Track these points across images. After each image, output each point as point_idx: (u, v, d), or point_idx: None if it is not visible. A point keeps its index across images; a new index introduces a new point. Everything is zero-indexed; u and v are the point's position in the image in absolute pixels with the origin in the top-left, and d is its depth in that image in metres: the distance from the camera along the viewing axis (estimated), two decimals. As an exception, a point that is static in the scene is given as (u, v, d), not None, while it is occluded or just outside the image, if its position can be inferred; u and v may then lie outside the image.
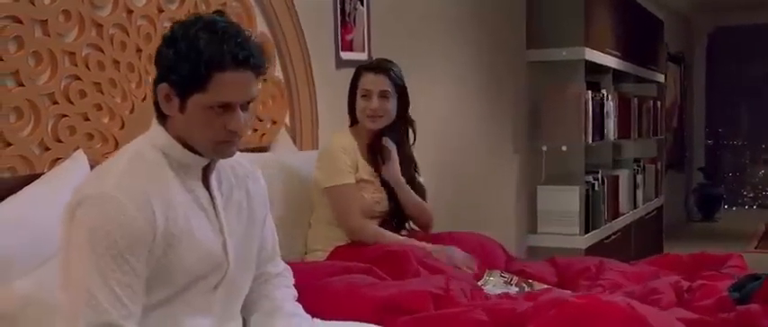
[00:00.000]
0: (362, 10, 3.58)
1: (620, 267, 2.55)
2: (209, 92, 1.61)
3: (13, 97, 2.10)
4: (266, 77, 2.92)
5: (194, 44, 1.60)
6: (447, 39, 4.33)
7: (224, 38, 1.61)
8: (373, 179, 2.68)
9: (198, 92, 1.62)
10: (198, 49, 1.59)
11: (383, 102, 2.65)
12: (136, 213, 1.57)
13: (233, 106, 1.64)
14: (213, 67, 1.60)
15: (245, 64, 1.62)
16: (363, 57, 3.59)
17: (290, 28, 3.06)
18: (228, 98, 1.63)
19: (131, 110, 2.43)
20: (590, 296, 1.91)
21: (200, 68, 1.59)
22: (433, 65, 4.20)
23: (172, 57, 1.62)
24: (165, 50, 1.64)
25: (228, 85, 1.62)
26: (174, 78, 1.63)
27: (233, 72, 1.61)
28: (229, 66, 1.61)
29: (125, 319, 1.56)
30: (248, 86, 1.65)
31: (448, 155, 4.39)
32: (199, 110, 1.63)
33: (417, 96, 4.04)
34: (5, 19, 2.08)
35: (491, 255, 2.67)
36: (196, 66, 1.59)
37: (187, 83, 1.61)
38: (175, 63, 1.61)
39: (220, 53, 1.60)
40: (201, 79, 1.60)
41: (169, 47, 1.63)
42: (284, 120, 3.08)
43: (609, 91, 5.61)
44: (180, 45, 1.61)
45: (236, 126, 1.65)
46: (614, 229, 5.63)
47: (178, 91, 1.63)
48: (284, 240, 2.64)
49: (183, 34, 1.63)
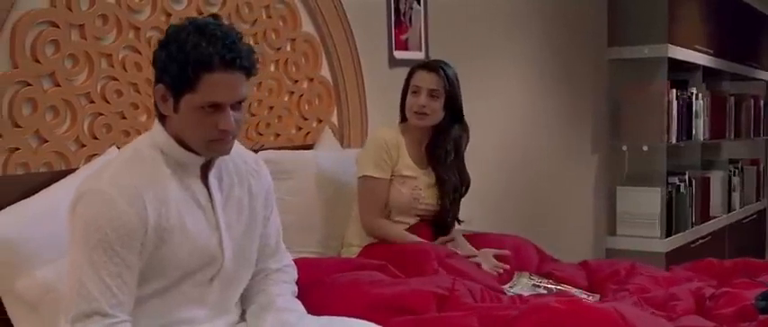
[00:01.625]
0: (419, 9, 3.60)
1: (652, 271, 2.48)
2: (198, 93, 1.68)
3: (50, 97, 2.24)
4: (312, 76, 3.01)
5: (183, 47, 1.67)
6: (518, 36, 4.28)
7: (212, 40, 1.67)
8: (417, 175, 2.68)
9: (189, 92, 1.68)
10: (186, 51, 1.66)
11: (431, 101, 2.66)
12: (127, 208, 1.66)
13: (223, 106, 1.70)
14: (201, 68, 1.66)
15: (232, 65, 1.68)
16: (420, 56, 3.61)
17: (337, 28, 3.11)
18: (218, 98, 1.69)
19: (169, 109, 2.54)
20: (574, 302, 1.87)
21: (189, 70, 1.66)
22: (500, 64, 4.17)
23: (164, 58, 1.70)
24: (159, 52, 1.72)
25: (217, 86, 1.68)
26: (166, 79, 1.70)
27: (221, 73, 1.67)
28: (218, 68, 1.67)
29: (113, 307, 1.65)
30: (237, 87, 1.71)
31: (519, 155, 4.35)
32: (190, 110, 1.70)
33: (482, 95, 4.04)
34: (43, 24, 2.22)
35: (524, 257, 2.64)
36: (185, 68, 1.66)
37: (178, 83, 1.68)
38: (167, 64, 1.69)
39: (208, 55, 1.66)
40: (190, 80, 1.67)
41: (162, 49, 1.71)
42: (331, 119, 3.13)
43: (698, 89, 5.40)
44: (171, 47, 1.69)
45: (227, 125, 1.71)
46: (702, 233, 5.42)
47: (172, 91, 1.71)
48: (323, 237, 2.72)
49: (174, 37, 1.70)
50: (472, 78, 3.95)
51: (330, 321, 1.87)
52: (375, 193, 2.60)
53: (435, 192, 2.68)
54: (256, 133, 2.85)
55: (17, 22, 2.16)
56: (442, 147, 2.66)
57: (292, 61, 2.96)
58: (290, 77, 2.96)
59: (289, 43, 2.95)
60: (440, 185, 2.67)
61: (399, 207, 2.66)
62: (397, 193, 2.64)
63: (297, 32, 2.97)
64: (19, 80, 2.17)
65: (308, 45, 3.02)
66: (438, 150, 2.66)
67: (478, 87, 4.01)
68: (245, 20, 2.78)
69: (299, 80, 2.99)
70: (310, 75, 3.04)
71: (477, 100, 3.99)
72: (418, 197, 2.66)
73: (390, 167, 2.65)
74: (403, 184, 2.66)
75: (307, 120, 3.03)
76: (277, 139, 2.92)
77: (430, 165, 2.69)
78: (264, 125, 2.87)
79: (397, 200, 2.64)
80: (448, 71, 2.73)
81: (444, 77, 2.70)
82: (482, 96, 4.04)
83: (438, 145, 2.67)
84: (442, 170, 2.66)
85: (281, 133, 2.94)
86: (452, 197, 2.68)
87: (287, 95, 2.96)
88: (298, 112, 3.00)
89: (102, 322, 1.63)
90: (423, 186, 2.69)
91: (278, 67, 2.92)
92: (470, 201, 3.89)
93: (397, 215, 2.67)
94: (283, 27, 2.93)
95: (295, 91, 2.98)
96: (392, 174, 2.66)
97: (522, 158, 4.38)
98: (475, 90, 3.98)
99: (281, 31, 2.92)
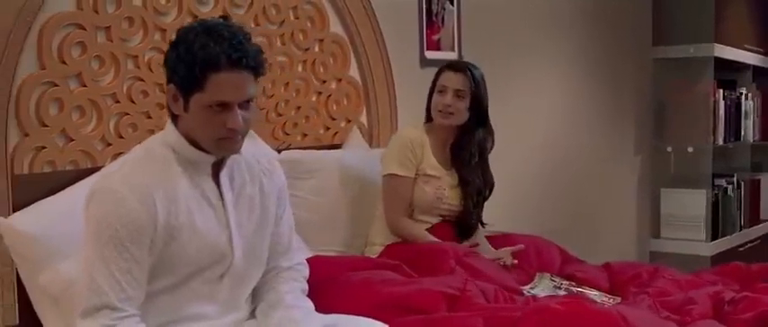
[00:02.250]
0: (452, 9, 3.60)
1: (675, 275, 2.44)
2: (206, 92, 1.71)
3: (76, 97, 2.30)
4: (340, 77, 3.04)
5: (191, 47, 1.70)
6: (558, 35, 4.24)
7: (219, 40, 1.70)
8: (441, 175, 2.69)
9: (197, 92, 1.72)
10: (194, 52, 1.70)
11: (456, 101, 2.66)
12: (137, 206, 1.70)
13: (230, 105, 1.73)
14: (208, 68, 1.70)
15: (239, 64, 1.71)
16: (452, 56, 3.61)
17: (366, 28, 3.13)
18: (225, 97, 1.72)
19: (195, 108, 2.59)
20: (575, 303, 1.85)
21: (196, 70, 1.70)
22: (538, 63, 4.14)
23: (174, 59, 1.74)
24: (170, 53, 1.76)
25: (224, 85, 1.71)
26: (176, 79, 1.74)
27: (228, 72, 1.70)
28: (224, 67, 1.70)
29: (122, 302, 1.69)
30: (244, 86, 1.74)
31: (559, 155, 4.32)
32: (199, 109, 1.74)
33: (518, 95, 4.02)
34: (69, 26, 2.29)
35: (546, 258, 2.63)
36: (192, 68, 1.70)
37: (187, 83, 1.72)
38: (176, 65, 1.73)
39: (215, 54, 1.69)
40: (198, 80, 1.70)
41: (172, 50, 1.75)
42: (359, 119, 3.15)
43: (748, 89, 5.28)
44: (180, 48, 1.73)
45: (234, 124, 1.74)
46: (751, 237, 5.29)
47: (181, 91, 1.75)
48: (347, 236, 2.74)
49: (183, 38, 1.74)
50: (508, 78, 3.95)
51: (336, 319, 1.89)
52: (399, 191, 2.61)
53: (458, 193, 2.68)
54: (283, 133, 2.89)
55: (44, 24, 2.23)
56: (466, 149, 2.66)
57: (320, 61, 2.99)
58: (317, 78, 2.99)
59: (317, 44, 2.98)
60: (463, 186, 2.68)
61: (422, 207, 2.67)
62: (420, 192, 2.65)
63: (325, 33, 3.00)
64: (46, 81, 2.24)
65: (337, 46, 3.05)
66: (462, 152, 2.67)
67: (514, 87, 4.00)
68: (272, 21, 2.82)
69: (326, 80, 3.02)
70: (338, 76, 3.06)
71: (512, 100, 3.98)
72: (442, 196, 2.67)
73: (415, 166, 2.66)
74: (427, 183, 2.66)
75: (335, 120, 3.06)
76: (304, 139, 2.96)
77: (453, 166, 2.69)
78: (291, 125, 2.91)
79: (420, 199, 2.66)
80: (475, 72, 2.73)
81: (471, 78, 2.70)
82: (518, 96, 4.02)
83: (462, 146, 2.67)
84: (466, 171, 2.66)
85: (308, 133, 2.97)
86: (476, 199, 2.68)
87: (314, 95, 2.99)
88: (325, 112, 3.03)
89: (111, 315, 1.68)
90: (446, 186, 2.69)
91: (305, 68, 2.95)
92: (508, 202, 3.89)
93: (419, 214, 2.68)
94: (311, 28, 2.96)
95: (323, 91, 3.01)
96: (416, 173, 2.67)
97: (563, 159, 4.34)
98: (510, 90, 3.97)
99: (309, 32, 2.95)
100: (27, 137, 2.21)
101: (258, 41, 2.74)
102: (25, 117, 2.20)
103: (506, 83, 3.95)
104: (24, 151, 2.21)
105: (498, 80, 3.86)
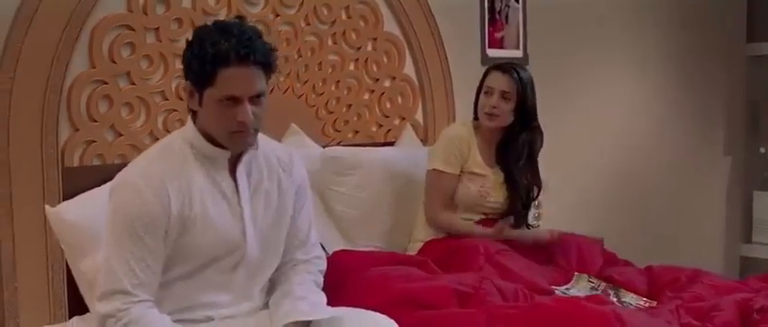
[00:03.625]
0: (517, 7, 3.58)
1: (714, 280, 2.36)
2: (217, 87, 1.80)
3: (125, 94, 2.44)
4: (395, 75, 3.08)
5: (203, 44, 1.79)
6: (636, 32, 4.14)
7: (229, 37, 1.79)
8: (486, 173, 2.69)
9: (209, 87, 1.81)
10: (205, 49, 1.79)
11: (501, 102, 2.66)
12: (151, 198, 1.81)
13: (240, 99, 1.81)
14: (218, 64, 1.78)
15: (246, 60, 1.79)
16: (517, 54, 3.59)
17: (423, 27, 3.16)
18: (234, 91, 1.80)
19: (243, 105, 2.70)
20: (571, 302, 1.82)
21: (207, 65, 1.78)
22: (611, 61, 4.05)
23: (189, 57, 1.83)
24: (185, 52, 1.85)
25: (233, 80, 1.79)
26: (191, 76, 1.83)
27: (237, 67, 1.79)
28: (233, 62, 1.78)
29: (135, 287, 1.80)
30: (253, 81, 1.81)
31: (635, 156, 4.21)
32: (212, 103, 1.82)
33: (588, 94, 3.94)
34: (119, 27, 2.42)
35: (587, 257, 2.58)
36: (203, 63, 1.79)
37: (200, 79, 1.81)
38: (190, 62, 1.82)
39: (225, 50, 1.78)
40: (209, 75, 1.79)
41: (188, 48, 1.84)
42: (414, 117, 3.18)
43: None
44: (194, 46, 1.82)
45: (244, 117, 1.82)
46: None
47: (196, 87, 1.83)
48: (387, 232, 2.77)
49: (197, 37, 1.83)
50: (578, 76, 3.89)
51: (343, 311, 1.94)
52: (440, 187, 2.63)
53: (504, 192, 2.67)
54: (334, 130, 2.96)
55: (95, 26, 2.38)
56: (512, 150, 2.66)
57: (373, 60, 3.04)
58: (370, 76, 3.04)
59: (370, 42, 3.03)
60: (510, 186, 2.67)
61: (466, 204, 2.67)
62: (465, 189, 2.66)
63: (378, 32, 3.05)
64: (96, 79, 2.39)
65: (391, 44, 3.09)
66: (508, 152, 2.66)
67: (584, 85, 3.93)
68: (322, 21, 2.89)
69: (379, 78, 3.07)
70: (392, 74, 3.10)
71: (583, 98, 3.92)
72: (486, 195, 2.66)
73: (460, 163, 2.67)
74: (471, 181, 2.67)
75: (388, 118, 3.10)
76: (355, 136, 3.01)
77: (499, 165, 2.69)
78: (342, 122, 2.97)
79: (464, 196, 2.66)
80: (522, 74, 2.70)
81: (517, 80, 2.68)
82: (589, 94, 3.95)
83: (508, 147, 2.67)
84: (514, 171, 2.65)
85: (359, 130, 3.02)
86: (524, 200, 2.66)
87: (367, 93, 3.04)
88: (378, 110, 3.07)
89: (124, 299, 1.78)
90: (492, 185, 2.69)
91: (357, 66, 3.00)
92: (578, 205, 3.84)
93: (463, 211, 2.68)
94: (364, 27, 3.01)
95: (376, 89, 3.06)
96: (462, 171, 2.68)
97: (640, 159, 4.23)
98: (580, 88, 3.91)
99: (362, 31, 3.00)
100: (77, 132, 2.36)
101: (309, 41, 2.86)
102: (76, 113, 2.35)
103: (576, 82, 3.89)
104: (75, 145, 2.36)
105: (567, 78, 3.82)
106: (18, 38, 2.24)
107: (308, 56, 2.86)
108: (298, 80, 2.84)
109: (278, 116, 2.74)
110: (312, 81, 2.88)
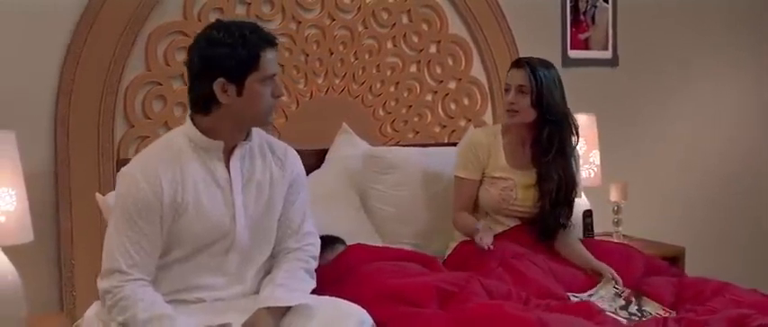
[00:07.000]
0: (606, 7, 3.48)
1: (740, 294, 2.20)
2: (260, 69, 1.98)
3: (178, 94, 2.67)
4: (460, 77, 3.12)
5: (241, 36, 1.96)
6: (742, 30, 3.88)
7: (253, 28, 1.99)
8: (511, 176, 2.64)
9: (253, 71, 1.98)
10: (246, 38, 1.97)
11: (519, 97, 2.61)
12: (145, 186, 1.99)
13: (275, 76, 2.02)
14: (260, 48, 1.97)
15: (274, 42, 2.01)
16: (606, 55, 3.50)
17: (493, 28, 3.16)
18: (273, 70, 2.01)
19: (297, 105, 2.85)
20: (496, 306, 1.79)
21: (253, 51, 1.96)
22: (713, 62, 3.82)
23: (224, 53, 1.97)
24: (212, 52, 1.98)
25: (270, 60, 1.99)
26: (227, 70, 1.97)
27: (270, 50, 1.99)
28: (268, 46, 1.99)
29: (131, 267, 1.99)
30: (276, 59, 2.03)
31: (743, 163, 3.94)
32: (256, 85, 1.98)
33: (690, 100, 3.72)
34: (174, 33, 2.66)
35: (626, 267, 2.48)
36: (250, 50, 1.96)
37: (242, 68, 1.97)
38: (222, 59, 1.96)
39: (259, 38, 1.98)
40: (255, 59, 1.97)
41: (216, 47, 1.98)
42: (482, 118, 3.19)
43: None
44: (218, 47, 1.97)
45: (280, 91, 2.04)
46: None
47: (234, 79, 1.97)
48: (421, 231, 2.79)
49: (225, 34, 1.98)
50: (677, 79, 3.72)
51: (319, 299, 2.03)
52: (460, 192, 2.64)
53: (533, 193, 2.62)
54: (392, 130, 3.04)
55: (151, 32, 2.63)
56: (543, 145, 2.60)
57: (437, 62, 3.09)
58: (433, 78, 3.09)
59: (433, 45, 3.08)
60: (540, 184, 2.61)
61: (491, 207, 2.64)
62: (485, 194, 2.64)
63: (443, 34, 3.09)
64: (151, 80, 2.63)
65: (456, 46, 3.12)
66: (540, 148, 2.61)
67: (684, 89, 3.75)
68: (381, 24, 2.98)
69: (443, 80, 3.11)
70: (458, 76, 3.13)
71: (683, 104, 3.73)
72: (508, 197, 2.61)
73: (479, 168, 2.65)
74: (492, 185, 2.63)
75: (452, 119, 3.14)
76: (416, 136, 3.07)
77: (533, 164, 2.64)
78: (401, 122, 3.05)
79: (486, 200, 2.64)
80: (536, 67, 2.63)
81: (530, 73, 2.61)
82: (690, 100, 3.75)
83: (539, 143, 2.61)
84: (544, 168, 2.60)
85: (419, 130, 3.08)
86: (555, 198, 2.59)
87: (429, 95, 3.09)
88: (442, 111, 3.12)
89: (120, 277, 1.98)
90: (518, 187, 2.63)
91: (419, 68, 3.06)
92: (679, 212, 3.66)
93: (493, 215, 2.66)
94: (427, 30, 3.06)
95: (439, 90, 3.10)
96: (483, 175, 2.66)
97: (749, 167, 3.94)
98: (680, 92, 3.73)
99: (424, 34, 3.06)
100: (132, 128, 2.62)
101: (366, 44, 2.97)
102: (131, 111, 2.61)
103: (674, 85, 3.71)
104: (130, 140, 2.62)
105: (660, 79, 3.65)
106: (78, 44, 2.52)
107: (365, 58, 2.97)
108: (354, 81, 2.95)
109: (332, 115, 2.88)
110: (369, 82, 2.98)
